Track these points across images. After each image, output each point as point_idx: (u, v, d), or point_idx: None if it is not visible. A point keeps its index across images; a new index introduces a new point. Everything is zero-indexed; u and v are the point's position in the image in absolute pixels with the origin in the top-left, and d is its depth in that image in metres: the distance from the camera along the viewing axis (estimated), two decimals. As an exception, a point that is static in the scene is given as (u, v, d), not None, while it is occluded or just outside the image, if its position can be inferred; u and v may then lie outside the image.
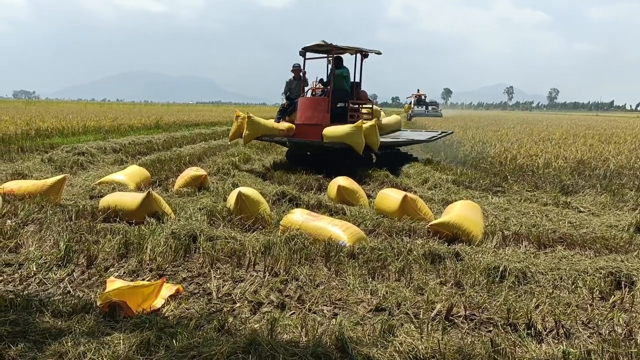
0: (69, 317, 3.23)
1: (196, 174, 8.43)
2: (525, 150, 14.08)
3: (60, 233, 5.14)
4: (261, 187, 7.95)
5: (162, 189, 8.46)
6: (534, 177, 10.22)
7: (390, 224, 6.01)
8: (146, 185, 8.54)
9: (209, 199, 7.42)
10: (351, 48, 11.34)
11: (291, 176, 9.41)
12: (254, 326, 3.36)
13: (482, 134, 20.81)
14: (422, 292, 3.99)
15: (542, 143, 16.82)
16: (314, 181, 8.99)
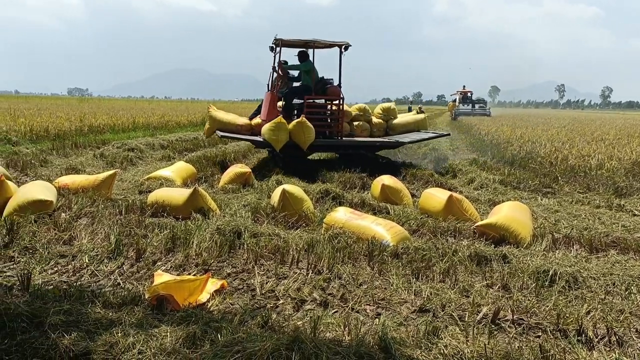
0: (119, 308, 3.33)
1: (241, 170, 8.55)
2: (577, 151, 13.59)
3: (111, 227, 5.31)
4: (305, 185, 7.99)
5: (207, 185, 8.62)
6: (586, 179, 9.85)
7: (435, 224, 5.92)
8: (192, 181, 8.73)
9: (253, 195, 7.52)
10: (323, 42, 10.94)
11: (335, 174, 9.41)
12: (297, 323, 3.38)
13: (531, 133, 20.22)
14: (468, 295, 3.91)
15: (594, 143, 16.21)
16: (358, 179, 8.96)
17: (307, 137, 9.81)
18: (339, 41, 10.89)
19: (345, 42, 10.92)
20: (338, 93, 10.93)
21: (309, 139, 9.85)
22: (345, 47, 10.95)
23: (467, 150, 16.23)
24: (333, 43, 10.95)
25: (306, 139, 9.83)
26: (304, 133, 9.76)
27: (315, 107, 11.04)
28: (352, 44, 10.79)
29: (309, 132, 9.82)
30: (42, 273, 4.23)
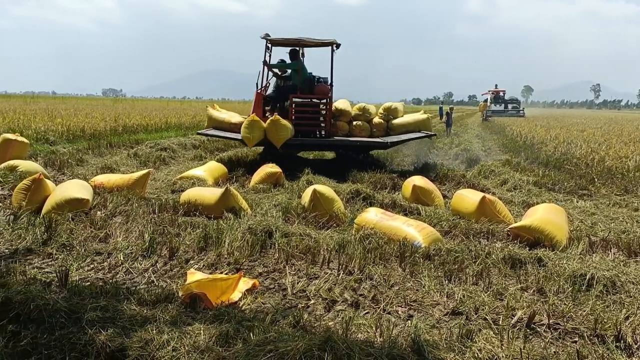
0: (153, 306, 3.38)
1: (271, 170, 8.60)
2: (614, 152, 13.24)
3: (144, 225, 5.40)
4: (335, 185, 7.98)
5: (238, 184, 8.69)
6: (624, 181, 9.58)
7: (468, 225, 5.83)
8: (224, 180, 8.81)
9: (283, 195, 7.55)
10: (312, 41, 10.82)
11: (365, 175, 9.38)
12: (328, 324, 3.37)
13: (566, 134, 19.78)
14: (502, 298, 3.84)
15: (632, 144, 15.76)
16: (389, 180, 8.91)
17: (280, 135, 9.92)
18: (327, 39, 10.84)
19: (334, 40, 10.82)
20: (326, 92, 10.85)
21: (282, 137, 9.93)
22: (337, 45, 10.87)
23: (500, 151, 15.97)
24: (322, 42, 10.91)
25: (279, 137, 9.93)
26: (277, 131, 9.87)
27: (302, 106, 11.02)
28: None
29: (282, 130, 9.92)
30: (79, 270, 4.33)
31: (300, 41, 10.78)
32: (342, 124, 11.23)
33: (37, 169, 8.09)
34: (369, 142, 10.90)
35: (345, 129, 11.21)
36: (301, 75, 10.94)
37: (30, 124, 16.01)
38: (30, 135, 13.12)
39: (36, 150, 11.83)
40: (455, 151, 15.36)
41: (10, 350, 2.72)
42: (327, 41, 10.80)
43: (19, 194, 6.01)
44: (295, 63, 10.99)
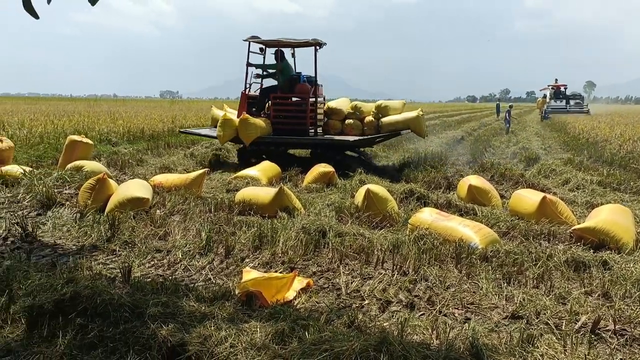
0: (211, 302, 3.45)
1: (325, 170, 8.62)
2: (685, 150, 12.49)
3: (201, 224, 5.55)
4: (388, 185, 7.92)
5: (292, 184, 8.77)
6: (698, 180, 9.01)
7: (527, 226, 5.65)
8: (277, 180, 8.91)
9: (336, 195, 7.56)
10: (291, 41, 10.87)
11: (419, 174, 9.25)
12: (383, 325, 3.35)
13: (631, 131, 18.81)
14: (565, 302, 3.71)
15: None
16: (443, 180, 8.75)
17: (248, 133, 10.31)
18: (310, 39, 10.82)
19: (317, 40, 10.81)
20: (307, 91, 10.92)
21: (251, 135, 10.34)
22: (319, 45, 10.85)
23: (561, 149, 15.37)
24: (304, 42, 10.92)
25: (248, 135, 10.33)
26: (246, 129, 10.28)
27: (281, 105, 11.22)
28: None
29: (251, 128, 10.30)
30: (140, 266, 4.49)
31: (280, 42, 10.95)
32: (335, 123, 11.35)
33: (101, 169, 8.45)
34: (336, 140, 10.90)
35: (338, 127, 11.33)
36: (283, 76, 11.10)
37: (94, 126, 16.74)
38: (94, 136, 13.71)
39: (100, 151, 12.37)
40: (513, 150, 14.90)
41: (78, 343, 2.84)
42: (309, 41, 10.86)
43: (84, 193, 6.30)
44: (275, 64, 11.19)
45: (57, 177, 7.37)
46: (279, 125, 10.98)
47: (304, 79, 11.22)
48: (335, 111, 11.37)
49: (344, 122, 11.32)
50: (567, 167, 10.73)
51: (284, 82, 11.13)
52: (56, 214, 6.06)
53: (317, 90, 11.14)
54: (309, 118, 10.95)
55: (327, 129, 11.40)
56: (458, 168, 10.66)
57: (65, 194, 6.88)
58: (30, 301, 3.14)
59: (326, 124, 11.42)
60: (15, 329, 3.10)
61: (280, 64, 11.12)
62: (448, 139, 18.37)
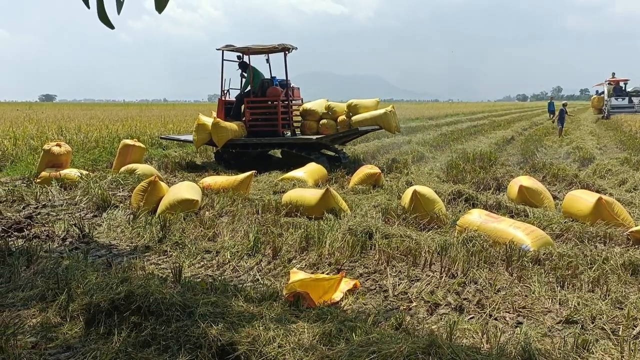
0: (259, 303, 3.50)
1: (371, 171, 8.59)
2: None
3: (249, 225, 5.63)
4: (435, 186, 7.81)
5: (338, 185, 8.78)
6: None
7: (582, 228, 5.44)
8: (323, 182, 8.95)
9: (383, 196, 7.52)
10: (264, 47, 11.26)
11: (467, 175, 9.08)
12: (431, 327, 3.30)
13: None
14: (622, 307, 3.56)
15: None
16: (492, 181, 8.56)
17: (220, 136, 10.80)
18: (278, 45, 11.12)
19: (285, 45, 11.10)
20: (278, 94, 11.31)
21: (222, 138, 10.82)
22: (289, 50, 11.13)
23: (617, 148, 14.75)
24: (273, 48, 11.22)
25: (219, 138, 10.81)
26: (218, 133, 10.77)
27: (256, 108, 11.63)
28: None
29: (222, 132, 10.80)
30: (190, 267, 4.61)
31: (250, 49, 11.30)
32: (310, 123, 11.61)
33: (153, 171, 8.73)
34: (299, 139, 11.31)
35: (313, 127, 11.53)
36: (254, 81, 11.50)
37: (146, 130, 17.27)
38: (146, 140, 14.16)
39: (151, 154, 12.77)
40: (567, 149, 14.41)
41: (132, 340, 2.94)
42: (277, 47, 11.21)
43: (137, 195, 6.51)
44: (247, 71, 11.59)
45: (112, 180, 7.67)
46: (253, 128, 11.48)
47: (276, 83, 11.65)
48: (310, 112, 11.67)
49: (319, 123, 11.53)
50: (623, 167, 10.28)
51: (256, 86, 11.55)
52: (111, 215, 6.29)
53: (292, 93, 11.72)
54: (280, 120, 11.31)
55: (303, 130, 11.73)
56: (508, 169, 10.39)
57: (119, 196, 7.14)
58: (88, 299, 3.28)
59: (303, 125, 11.74)
60: (73, 326, 3.23)
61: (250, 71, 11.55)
62: (497, 139, 17.93)
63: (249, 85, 11.66)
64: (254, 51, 11.51)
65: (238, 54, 11.78)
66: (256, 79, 11.67)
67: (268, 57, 11.82)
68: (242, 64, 11.87)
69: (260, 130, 11.53)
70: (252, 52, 11.58)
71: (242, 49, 11.47)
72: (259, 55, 11.87)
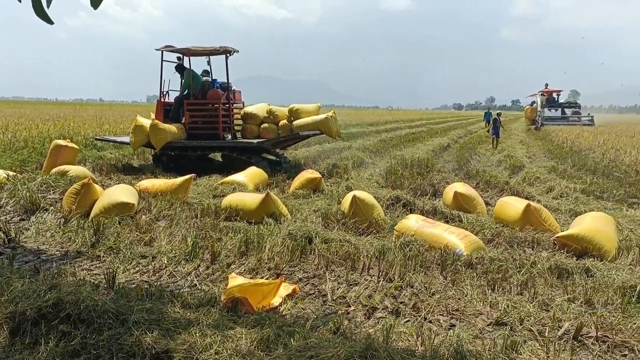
0: (196, 309, 3.44)
1: (311, 176, 8.63)
2: (666, 159, 12.70)
3: (187, 229, 5.52)
4: (375, 191, 7.94)
5: (278, 190, 8.77)
6: (677, 189, 9.16)
7: (512, 234, 5.70)
8: (264, 186, 8.91)
9: (323, 201, 7.57)
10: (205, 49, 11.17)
11: (405, 181, 9.30)
12: (368, 331, 3.36)
13: (614, 140, 19.10)
14: (548, 309, 3.74)
15: (687, 151, 15.08)
16: (429, 187, 8.81)
17: (158, 138, 10.63)
18: (219, 47, 11.06)
19: (227, 47, 11.06)
20: (218, 96, 11.24)
21: (160, 140, 10.64)
22: (230, 52, 11.12)
23: (545, 157, 15.54)
24: (213, 50, 11.18)
25: (157, 140, 10.65)
26: (156, 135, 10.61)
27: (196, 111, 11.50)
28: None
29: (161, 134, 10.63)
30: (125, 272, 4.46)
31: (190, 50, 11.20)
32: (252, 127, 11.58)
33: (86, 173, 8.39)
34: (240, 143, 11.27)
35: (255, 131, 11.55)
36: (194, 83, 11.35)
37: (80, 130, 16.59)
38: (80, 141, 13.59)
39: (85, 155, 12.26)
40: (498, 157, 15.05)
41: (61, 350, 2.82)
42: (218, 49, 11.13)
43: (69, 198, 6.24)
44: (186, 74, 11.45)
45: (42, 182, 7.31)
46: (193, 130, 11.32)
47: (217, 86, 11.54)
48: (252, 116, 11.63)
49: (261, 126, 11.54)
50: (551, 175, 10.86)
51: (196, 89, 11.40)
52: (40, 219, 6.00)
53: (233, 96, 11.62)
54: (221, 123, 11.24)
55: (245, 134, 11.67)
56: (444, 175, 10.72)
57: (49, 199, 6.82)
58: (13, 308, 3.11)
59: (244, 129, 11.70)
60: (-4, 335, 3.06)
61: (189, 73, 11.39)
62: (434, 146, 18.48)
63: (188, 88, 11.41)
64: (195, 53, 11.32)
65: (178, 55, 11.53)
66: (196, 81, 11.46)
67: (209, 59, 11.66)
68: (179, 66, 11.66)
69: (200, 133, 11.34)
70: (193, 54, 11.39)
71: (182, 50, 11.24)
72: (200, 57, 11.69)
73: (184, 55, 11.50)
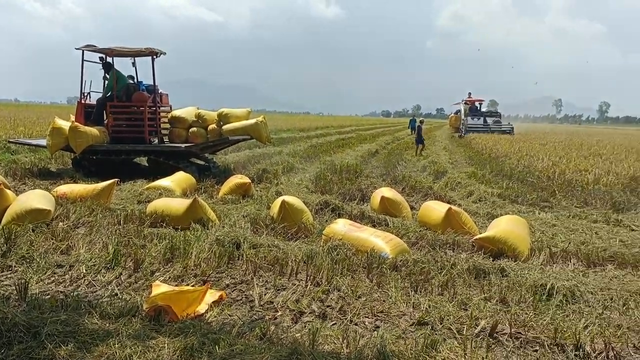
0: (116, 319, 3.31)
1: (240, 181, 8.55)
2: (574, 165, 13.64)
3: (109, 236, 5.31)
4: (304, 196, 7.99)
5: (207, 195, 8.62)
6: (584, 193, 9.87)
7: (434, 236, 5.92)
8: (192, 191, 8.72)
9: (252, 206, 7.52)
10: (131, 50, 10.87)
11: (334, 186, 9.42)
12: (295, 335, 3.36)
13: (528, 147, 20.31)
14: (466, 308, 3.91)
15: (592, 158, 16.29)
16: (357, 192, 8.97)
17: (78, 141, 10.20)
18: (145, 48, 10.75)
19: (153, 49, 10.78)
20: (144, 99, 10.97)
21: (81, 144, 10.23)
22: (156, 54, 10.84)
23: (466, 163, 16.24)
24: (139, 51, 10.89)
25: (77, 144, 10.22)
26: (76, 138, 10.18)
27: (121, 114, 11.18)
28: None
29: (81, 137, 10.21)
30: (39, 283, 4.21)
31: (114, 51, 10.85)
32: (179, 131, 11.30)
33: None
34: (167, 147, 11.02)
35: (182, 135, 11.28)
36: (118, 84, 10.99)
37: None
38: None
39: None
40: (423, 163, 15.57)
41: (-35, 367, 2.63)
42: (143, 50, 10.79)
43: (-23, 205, 5.83)
44: (110, 74, 11.06)
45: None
46: (117, 134, 10.91)
47: (143, 88, 11.20)
48: (180, 120, 11.31)
49: (189, 131, 11.29)
50: (471, 180, 11.36)
51: (120, 91, 11.00)
52: (-57, 227, 5.55)
53: (160, 99, 11.29)
54: (147, 126, 10.93)
55: (172, 138, 11.35)
56: (372, 180, 10.97)
57: (-46, 205, 6.32)
58: None
59: (171, 133, 11.37)
60: None
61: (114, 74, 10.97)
62: (363, 152, 18.84)
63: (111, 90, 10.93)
64: (119, 53, 10.85)
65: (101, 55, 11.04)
66: (121, 82, 11.02)
67: (134, 61, 11.24)
68: (107, 64, 11.10)
69: (124, 136, 10.89)
70: (117, 54, 10.91)
71: (105, 50, 10.75)
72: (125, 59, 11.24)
73: (107, 55, 10.98)
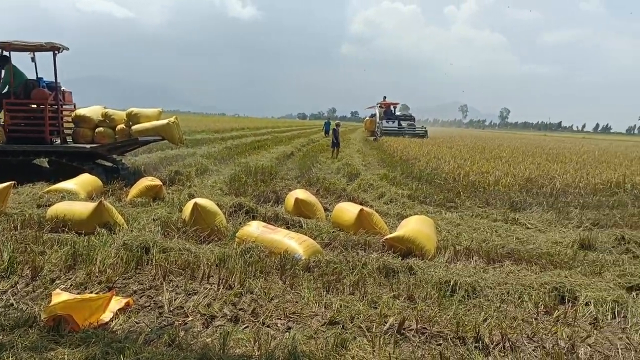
0: (11, 331, 3.10)
1: (151, 183, 8.27)
2: (477, 167, 14.45)
3: (4, 243, 4.94)
4: (218, 199, 7.87)
5: (114, 198, 8.26)
6: (485, 194, 10.50)
7: (346, 237, 6.05)
8: (98, 194, 8.32)
9: (163, 209, 7.30)
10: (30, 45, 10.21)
11: (249, 188, 9.36)
12: (206, 340, 3.31)
13: (437, 150, 21.29)
14: (376, 306, 4.03)
15: (493, 161, 17.34)
16: (272, 194, 8.97)
17: None
18: (45, 43, 10.23)
19: (53, 44, 10.27)
20: (45, 96, 10.35)
21: None
22: (58, 49, 10.40)
23: (378, 165, 16.73)
24: (39, 45, 10.25)
25: None
26: None
27: (19, 112, 10.45)
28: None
29: None
30: None
31: (12, 44, 10.15)
32: (85, 131, 10.78)
33: None
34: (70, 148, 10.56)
35: (88, 135, 10.78)
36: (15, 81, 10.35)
37: None
38: None
39: None
40: (338, 165, 15.84)
41: None
42: (45, 45, 10.24)
43: None
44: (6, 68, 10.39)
45: None
46: (14, 133, 10.20)
47: (43, 85, 10.57)
48: (85, 119, 10.74)
49: (95, 131, 10.79)
50: (382, 182, 11.71)
51: (17, 87, 10.30)
52: None
53: (62, 97, 10.69)
54: (48, 125, 10.31)
55: (76, 138, 10.77)
56: (287, 182, 11.01)
57: None
58: None
59: (75, 133, 10.79)
60: None
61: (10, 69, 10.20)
62: (279, 154, 18.85)
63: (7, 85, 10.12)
64: (17, 47, 10.05)
65: None
66: (18, 78, 10.24)
67: (34, 56, 10.45)
68: (2, 58, 10.24)
69: (23, 136, 10.14)
70: (14, 49, 10.09)
71: (2, 44, 9.93)
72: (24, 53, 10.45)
73: (4, 49, 10.10)
